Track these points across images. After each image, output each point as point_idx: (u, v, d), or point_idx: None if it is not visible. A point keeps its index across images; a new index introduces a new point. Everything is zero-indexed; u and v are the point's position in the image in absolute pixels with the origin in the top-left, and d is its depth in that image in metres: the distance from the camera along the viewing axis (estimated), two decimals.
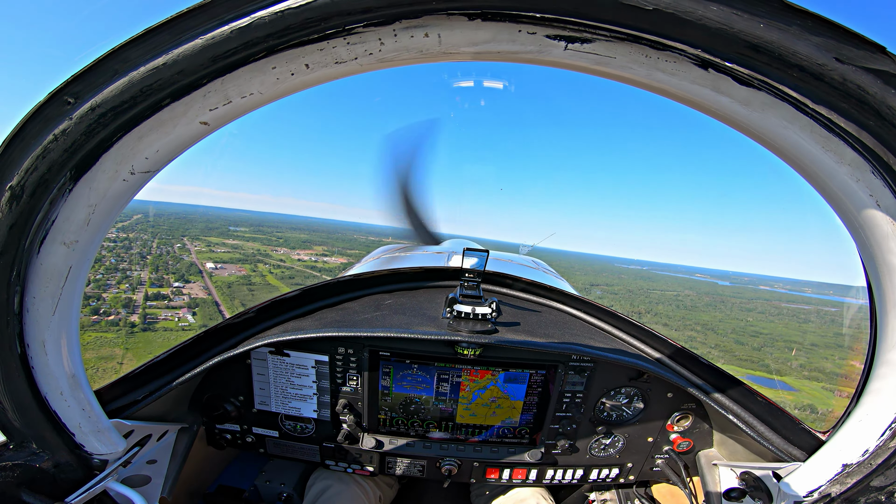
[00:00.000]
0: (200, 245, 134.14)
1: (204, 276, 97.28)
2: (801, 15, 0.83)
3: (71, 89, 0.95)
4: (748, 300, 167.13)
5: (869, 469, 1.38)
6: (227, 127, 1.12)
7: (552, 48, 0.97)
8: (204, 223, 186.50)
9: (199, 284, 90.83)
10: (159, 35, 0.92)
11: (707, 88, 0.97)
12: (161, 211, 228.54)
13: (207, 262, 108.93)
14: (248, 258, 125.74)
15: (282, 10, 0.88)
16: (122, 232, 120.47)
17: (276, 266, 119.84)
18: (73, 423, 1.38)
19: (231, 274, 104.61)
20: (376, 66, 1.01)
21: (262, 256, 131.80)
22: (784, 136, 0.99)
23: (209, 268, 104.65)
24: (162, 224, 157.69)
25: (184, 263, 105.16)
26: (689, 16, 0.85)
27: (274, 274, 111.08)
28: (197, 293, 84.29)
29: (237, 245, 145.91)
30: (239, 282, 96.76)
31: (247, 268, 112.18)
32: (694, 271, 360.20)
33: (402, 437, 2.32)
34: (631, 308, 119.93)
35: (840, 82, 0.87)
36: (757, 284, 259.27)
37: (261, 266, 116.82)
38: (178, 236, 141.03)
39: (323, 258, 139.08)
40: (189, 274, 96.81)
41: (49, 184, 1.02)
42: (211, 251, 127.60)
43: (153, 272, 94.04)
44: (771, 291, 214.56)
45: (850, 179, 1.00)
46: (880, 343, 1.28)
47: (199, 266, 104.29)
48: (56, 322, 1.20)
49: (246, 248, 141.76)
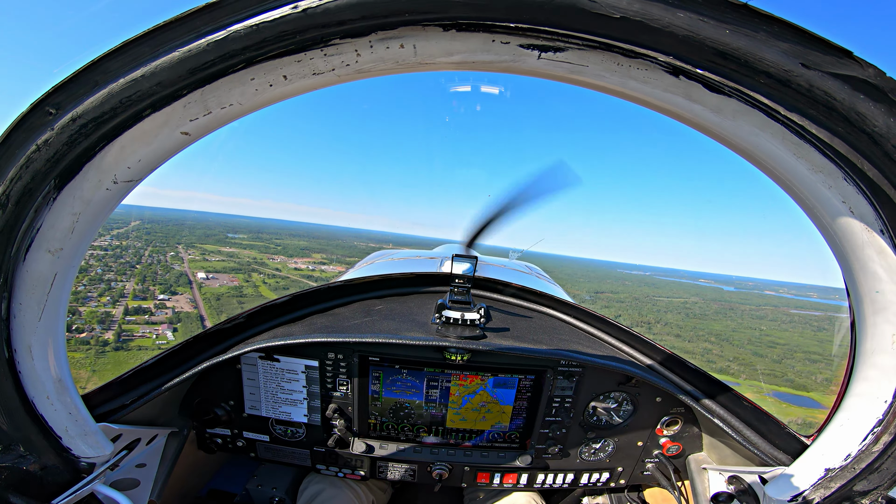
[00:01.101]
0: (195, 253, 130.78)
1: (193, 287, 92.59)
2: (768, 21, 0.84)
3: (53, 100, 0.97)
4: (757, 306, 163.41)
5: (852, 473, 1.38)
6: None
7: (526, 57, 0.98)
8: (203, 230, 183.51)
9: (186, 296, 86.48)
10: (138, 47, 0.94)
11: (679, 96, 0.98)
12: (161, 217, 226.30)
13: (199, 272, 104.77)
14: (243, 267, 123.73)
15: (257, 23, 0.89)
16: (116, 240, 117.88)
17: (270, 276, 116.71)
18: (59, 426, 1.39)
19: (222, 285, 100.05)
20: (354, 76, 1.03)
21: (258, 265, 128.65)
22: (756, 143, 1.00)
23: (200, 278, 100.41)
24: (159, 231, 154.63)
25: (174, 273, 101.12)
26: (657, 23, 0.86)
27: (268, 284, 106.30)
28: (182, 306, 79.81)
29: (233, 253, 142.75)
30: (229, 293, 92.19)
31: (240, 277, 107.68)
32: (697, 276, 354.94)
33: (393, 441, 2.32)
34: (639, 317, 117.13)
35: (807, 88, 0.87)
36: (762, 289, 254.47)
37: (255, 276, 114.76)
38: (174, 244, 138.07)
39: (321, 266, 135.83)
40: (177, 285, 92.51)
41: (33, 192, 1.04)
42: (205, 259, 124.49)
43: (139, 283, 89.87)
44: (778, 297, 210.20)
45: (823, 186, 1.01)
46: (859, 348, 1.28)
47: (190, 276, 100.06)
48: (42, 327, 1.21)
49: (242, 257, 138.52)
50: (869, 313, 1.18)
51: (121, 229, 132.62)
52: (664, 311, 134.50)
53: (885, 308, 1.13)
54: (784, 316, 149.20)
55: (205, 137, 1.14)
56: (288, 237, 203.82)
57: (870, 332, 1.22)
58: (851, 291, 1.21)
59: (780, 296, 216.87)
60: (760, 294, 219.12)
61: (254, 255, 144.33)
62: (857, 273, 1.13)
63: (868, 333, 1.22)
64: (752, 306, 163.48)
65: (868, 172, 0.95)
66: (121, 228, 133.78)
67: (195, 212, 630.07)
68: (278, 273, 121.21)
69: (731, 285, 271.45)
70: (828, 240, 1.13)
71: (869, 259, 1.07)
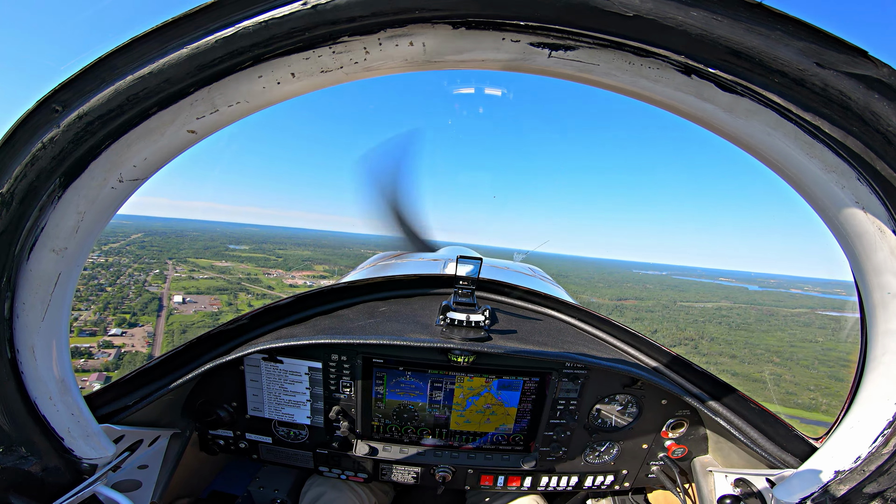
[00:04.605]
0: (185, 269, 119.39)
1: (161, 317, 77.62)
2: (782, 20, 0.83)
3: (59, 97, 0.96)
4: (793, 309, 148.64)
5: (862, 476, 1.37)
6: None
7: (536, 56, 0.98)
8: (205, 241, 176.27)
9: (147, 328, 72.07)
10: (146, 44, 0.93)
11: (691, 95, 0.97)
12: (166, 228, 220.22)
13: (176, 295, 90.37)
14: (231, 286, 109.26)
15: (266, 20, 0.89)
16: (105, 256, 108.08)
17: (260, 295, 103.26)
18: (61, 427, 1.38)
19: (198, 310, 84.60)
20: (362, 74, 1.02)
21: (250, 283, 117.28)
22: (768, 142, 0.99)
23: (175, 303, 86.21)
24: (157, 244, 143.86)
25: (146, 297, 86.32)
26: (670, 21, 0.85)
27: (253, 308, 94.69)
28: (134, 343, 65.60)
29: (227, 268, 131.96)
30: (202, 323, 76.14)
31: (223, 300, 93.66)
32: (715, 274, 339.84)
33: (396, 443, 2.31)
34: (679, 332, 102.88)
35: (822, 88, 0.87)
36: (787, 288, 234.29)
37: (242, 296, 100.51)
38: (164, 259, 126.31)
39: (320, 281, 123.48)
40: (143, 313, 77.92)
41: (38, 191, 1.03)
42: (191, 278, 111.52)
43: (99, 311, 76.22)
44: (807, 296, 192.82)
45: (836, 186, 1.00)
46: (870, 349, 1.27)
47: (164, 301, 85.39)
48: (45, 328, 1.20)
49: (235, 272, 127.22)
50: (880, 315, 1.17)
51: (115, 243, 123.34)
52: (701, 322, 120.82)
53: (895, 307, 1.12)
54: (830, 321, 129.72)
55: (214, 143, 1.14)
56: (293, 247, 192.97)
57: (881, 333, 1.21)
58: (862, 291, 1.20)
59: (808, 294, 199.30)
60: (789, 294, 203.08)
61: (249, 270, 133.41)
62: (868, 273, 1.12)
63: (879, 335, 1.21)
64: (789, 308, 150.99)
65: (882, 172, 0.95)
66: (115, 243, 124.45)
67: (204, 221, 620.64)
68: (270, 292, 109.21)
69: (754, 283, 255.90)
70: (839, 239, 1.12)
71: (881, 260, 1.06)
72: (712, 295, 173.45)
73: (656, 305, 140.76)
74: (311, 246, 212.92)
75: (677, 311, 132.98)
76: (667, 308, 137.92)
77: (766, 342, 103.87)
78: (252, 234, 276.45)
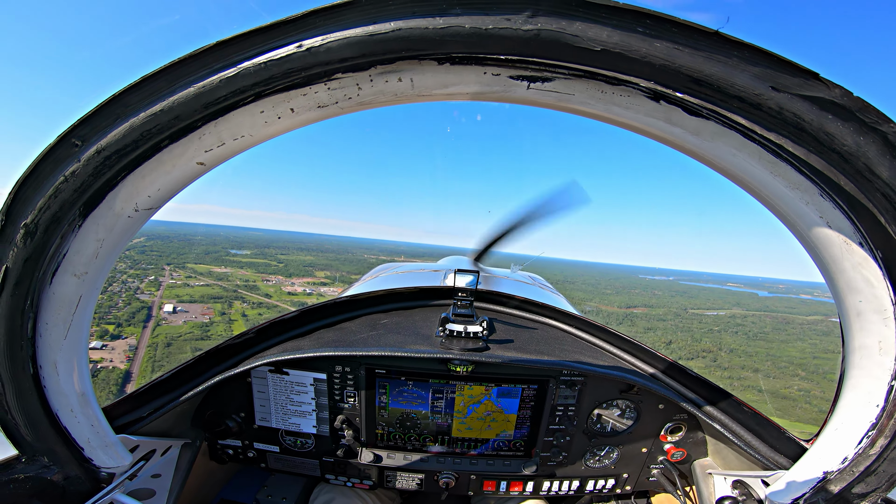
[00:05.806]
0: (182, 275, 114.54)
1: (147, 329, 71.82)
2: (739, 46, 0.88)
3: (78, 132, 1.05)
4: (808, 317, 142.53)
5: (851, 476, 1.41)
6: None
7: (516, 87, 1.05)
8: (205, 246, 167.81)
9: (130, 341, 66.92)
10: (156, 82, 1.02)
11: (660, 120, 1.04)
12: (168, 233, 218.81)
13: (167, 304, 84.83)
14: (227, 294, 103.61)
15: (265, 61, 0.97)
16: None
17: (256, 304, 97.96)
18: (82, 437, 1.46)
19: (188, 321, 78.95)
20: (356, 108, 1.10)
21: (247, 290, 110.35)
22: (735, 163, 1.05)
23: (165, 312, 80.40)
24: (158, 249, 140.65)
25: (134, 306, 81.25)
26: (636, 53, 0.92)
27: (247, 318, 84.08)
28: (113, 359, 61.11)
29: (225, 274, 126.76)
30: (189, 335, 71.04)
31: (216, 308, 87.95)
32: (723, 279, 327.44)
33: (400, 451, 2.37)
34: (695, 343, 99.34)
35: (777, 111, 0.92)
36: (797, 293, 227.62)
37: (237, 305, 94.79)
38: (163, 265, 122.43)
39: (320, 288, 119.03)
40: (129, 324, 72.67)
41: (60, 221, 1.12)
42: (186, 285, 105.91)
43: None
44: (818, 301, 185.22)
45: (801, 202, 1.06)
46: (848, 354, 1.32)
47: (153, 311, 79.95)
48: (67, 345, 1.29)
49: (233, 279, 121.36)
50: (854, 321, 1.21)
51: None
52: (717, 331, 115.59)
53: (868, 317, 1.17)
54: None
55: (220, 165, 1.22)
56: (295, 252, 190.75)
57: (857, 339, 1.25)
58: (836, 301, 1.25)
59: (820, 300, 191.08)
60: (800, 300, 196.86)
61: (248, 277, 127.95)
62: (839, 284, 1.17)
63: (855, 340, 1.26)
64: (803, 316, 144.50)
65: (845, 187, 1.00)
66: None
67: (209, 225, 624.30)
68: (267, 300, 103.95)
69: (763, 289, 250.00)
70: (810, 253, 1.17)
71: (849, 270, 1.11)
72: (723, 301, 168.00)
73: (667, 314, 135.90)
74: (313, 251, 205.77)
75: (689, 320, 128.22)
76: (678, 316, 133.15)
77: (787, 353, 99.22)
78: (255, 238, 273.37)
